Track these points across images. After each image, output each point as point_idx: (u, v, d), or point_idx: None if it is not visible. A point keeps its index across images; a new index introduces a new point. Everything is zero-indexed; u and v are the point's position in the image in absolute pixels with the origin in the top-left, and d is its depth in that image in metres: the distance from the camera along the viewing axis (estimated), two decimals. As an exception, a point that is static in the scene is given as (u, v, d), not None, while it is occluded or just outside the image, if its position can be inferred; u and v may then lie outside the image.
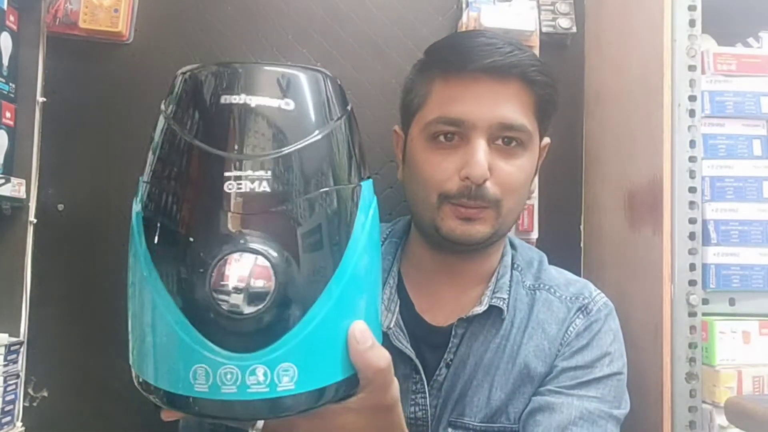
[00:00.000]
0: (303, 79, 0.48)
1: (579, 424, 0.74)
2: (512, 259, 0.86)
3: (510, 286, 0.82)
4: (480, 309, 0.79)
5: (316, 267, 0.46)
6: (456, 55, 0.78)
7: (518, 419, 0.79)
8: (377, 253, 0.53)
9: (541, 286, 0.84)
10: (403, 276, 0.86)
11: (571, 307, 0.82)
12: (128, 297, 0.49)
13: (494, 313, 0.80)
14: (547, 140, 0.86)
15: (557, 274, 0.87)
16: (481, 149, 0.74)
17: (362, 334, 0.48)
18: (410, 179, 0.82)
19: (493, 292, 0.81)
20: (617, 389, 0.80)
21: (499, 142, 0.76)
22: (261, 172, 0.44)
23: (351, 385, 0.50)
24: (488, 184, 0.75)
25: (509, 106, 0.75)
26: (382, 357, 0.50)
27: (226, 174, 0.44)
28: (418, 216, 0.82)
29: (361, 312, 0.50)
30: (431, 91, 0.79)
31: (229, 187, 0.44)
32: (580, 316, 0.82)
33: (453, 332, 0.80)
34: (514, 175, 0.76)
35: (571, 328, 0.81)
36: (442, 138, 0.77)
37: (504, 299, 0.80)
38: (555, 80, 0.82)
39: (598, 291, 0.86)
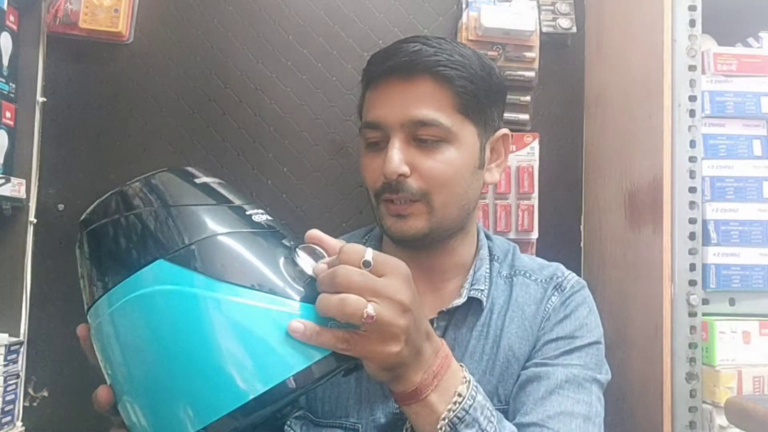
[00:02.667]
0: None
1: (566, 387, 0.78)
2: (490, 251, 0.89)
3: (490, 278, 0.86)
4: (459, 301, 0.82)
5: None
6: (372, 63, 0.84)
7: (509, 400, 0.81)
8: None
9: (517, 272, 0.88)
10: None
11: (547, 287, 0.86)
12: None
13: (474, 303, 0.83)
14: (503, 131, 0.86)
15: (530, 261, 0.91)
16: (394, 148, 0.78)
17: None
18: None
19: (471, 285, 0.84)
20: (597, 357, 0.82)
21: (418, 139, 0.79)
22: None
23: None
24: (411, 179, 0.78)
25: (419, 104, 0.78)
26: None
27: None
28: (375, 218, 0.87)
29: None
30: (363, 101, 0.85)
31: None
32: (556, 293, 0.85)
33: (435, 324, 0.82)
34: (438, 169, 0.79)
35: (548, 305, 0.84)
36: (372, 143, 0.82)
37: (482, 290, 0.83)
38: (486, 72, 0.82)
39: (570, 271, 0.90)
